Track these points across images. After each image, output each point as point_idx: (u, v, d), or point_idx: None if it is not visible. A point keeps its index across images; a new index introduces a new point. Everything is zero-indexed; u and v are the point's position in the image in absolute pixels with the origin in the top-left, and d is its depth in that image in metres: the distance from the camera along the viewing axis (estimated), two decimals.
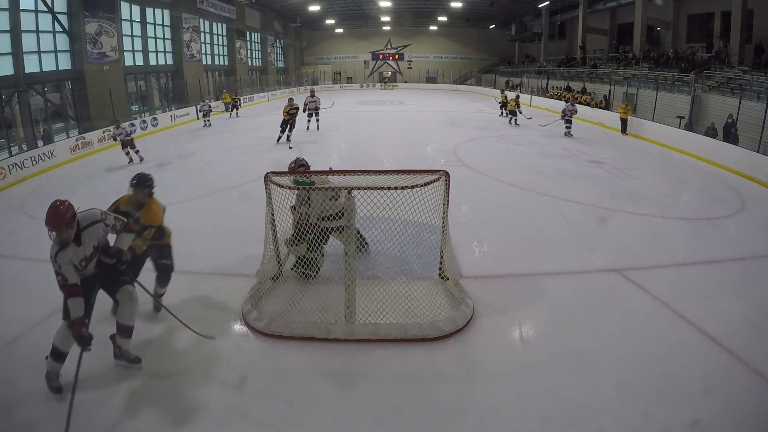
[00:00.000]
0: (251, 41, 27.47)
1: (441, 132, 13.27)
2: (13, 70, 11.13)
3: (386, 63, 37.43)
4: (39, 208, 6.97)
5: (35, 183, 8.56)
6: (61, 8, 12.68)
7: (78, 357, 2.51)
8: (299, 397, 2.69)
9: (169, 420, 2.50)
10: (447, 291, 3.72)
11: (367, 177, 3.48)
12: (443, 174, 3.49)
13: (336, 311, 3.34)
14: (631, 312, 3.62)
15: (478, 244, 5.07)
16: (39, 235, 5.67)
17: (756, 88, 11.17)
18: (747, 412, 2.59)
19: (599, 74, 19.40)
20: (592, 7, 22.86)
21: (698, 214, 6.32)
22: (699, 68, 14.18)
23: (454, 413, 2.57)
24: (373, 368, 2.95)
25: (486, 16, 31.44)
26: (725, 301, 3.82)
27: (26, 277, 4.11)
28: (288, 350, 2.97)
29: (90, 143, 11.27)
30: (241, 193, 6.85)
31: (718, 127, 10.73)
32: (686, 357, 3.07)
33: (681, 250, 4.93)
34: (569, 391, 2.72)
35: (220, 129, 14.54)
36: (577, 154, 9.99)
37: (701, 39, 16.80)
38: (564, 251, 4.82)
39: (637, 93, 15.32)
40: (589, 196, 6.76)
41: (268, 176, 3.50)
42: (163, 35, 18.45)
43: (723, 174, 8.73)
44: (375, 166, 7.52)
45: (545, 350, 3.17)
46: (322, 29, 35.65)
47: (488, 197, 6.84)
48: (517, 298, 3.84)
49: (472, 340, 3.22)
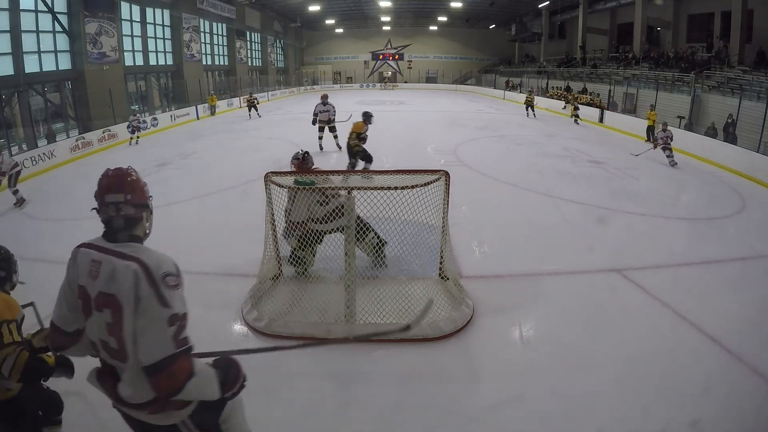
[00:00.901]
0: (251, 41, 27.48)
1: (441, 132, 13.25)
2: (13, 70, 11.14)
3: (386, 63, 37.44)
4: (39, 208, 7.04)
5: (35, 183, 8.56)
6: (61, 8, 12.69)
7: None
8: (299, 397, 2.69)
9: None
10: (447, 291, 3.72)
11: (367, 177, 3.48)
12: (443, 174, 3.49)
13: (336, 311, 3.34)
14: (631, 312, 3.62)
15: (478, 244, 5.07)
16: (39, 235, 5.71)
17: (756, 88, 11.18)
18: (747, 412, 2.58)
19: (599, 74, 19.41)
20: (592, 7, 22.87)
21: (698, 214, 6.32)
22: (699, 68, 14.19)
23: (454, 413, 2.56)
24: (373, 368, 2.95)
25: (486, 16, 31.45)
26: (725, 301, 3.82)
27: (26, 277, 4.11)
28: (288, 350, 2.97)
29: (90, 143, 11.28)
30: (241, 193, 6.85)
31: (718, 127, 10.73)
32: (686, 357, 3.07)
33: (681, 250, 4.93)
34: (569, 391, 2.71)
35: (221, 129, 14.54)
36: (577, 154, 9.99)
37: (701, 39, 16.81)
38: (564, 251, 4.82)
39: (637, 93, 15.33)
40: (589, 196, 6.76)
41: (268, 176, 3.50)
42: (163, 35, 18.46)
43: (723, 174, 8.73)
44: (375, 166, 7.52)
45: (545, 350, 3.17)
46: (322, 29, 35.66)
47: (488, 197, 6.84)
48: (517, 298, 3.84)
49: (472, 340, 3.22)
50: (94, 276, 1.36)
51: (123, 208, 1.41)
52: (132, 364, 1.33)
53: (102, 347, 1.39)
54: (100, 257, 1.38)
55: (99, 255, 1.38)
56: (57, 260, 5.19)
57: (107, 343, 1.36)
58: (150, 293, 1.28)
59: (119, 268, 1.32)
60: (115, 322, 1.32)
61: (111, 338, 1.35)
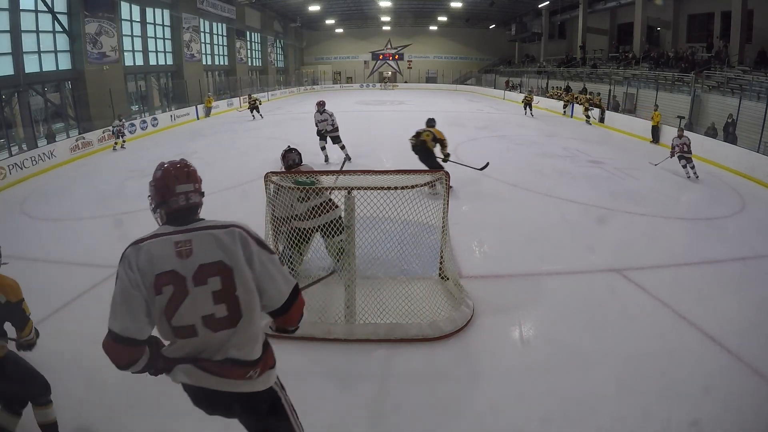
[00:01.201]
0: (251, 41, 27.49)
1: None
2: (13, 70, 11.14)
3: (386, 63, 37.44)
4: (39, 208, 7.04)
5: (35, 183, 8.56)
6: (61, 8, 12.69)
7: None
8: (299, 397, 2.68)
9: (169, 420, 2.50)
10: (447, 291, 3.72)
11: (367, 177, 3.48)
12: (443, 174, 3.49)
13: (336, 311, 3.34)
14: (631, 312, 3.62)
15: (478, 244, 5.07)
16: (39, 235, 5.72)
17: (756, 88, 11.18)
18: (747, 412, 2.59)
19: (599, 74, 19.41)
20: (592, 7, 22.88)
21: (698, 214, 6.32)
22: (699, 68, 14.19)
23: (454, 413, 2.57)
24: (373, 368, 2.95)
25: (486, 16, 31.46)
26: (725, 300, 3.83)
27: (26, 277, 4.11)
28: (288, 350, 2.97)
29: (90, 143, 11.28)
30: (241, 193, 6.85)
31: (718, 127, 10.73)
32: (686, 357, 3.07)
33: (681, 250, 4.94)
34: (569, 391, 2.71)
35: (221, 129, 14.55)
36: (577, 154, 9.99)
37: (701, 39, 16.81)
38: (564, 251, 4.82)
39: (637, 93, 15.33)
40: (589, 196, 6.76)
41: (268, 176, 3.50)
42: (163, 35, 18.46)
43: (723, 174, 8.73)
44: (375, 166, 7.52)
45: (545, 350, 3.17)
46: (322, 29, 35.66)
47: (488, 197, 6.84)
48: (517, 298, 3.84)
49: (472, 340, 3.22)
50: (187, 254, 1.42)
51: (192, 196, 1.54)
52: (243, 322, 1.45)
53: (204, 324, 1.43)
54: (187, 236, 1.44)
55: (184, 236, 1.44)
56: (57, 260, 5.22)
57: (212, 315, 1.43)
58: (258, 248, 1.46)
59: (223, 236, 1.44)
60: (225, 287, 1.42)
61: (219, 306, 1.42)
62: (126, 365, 1.45)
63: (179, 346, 1.47)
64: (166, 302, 1.41)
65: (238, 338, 1.46)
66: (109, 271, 4.30)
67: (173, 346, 1.48)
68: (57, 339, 3.30)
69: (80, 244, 5.07)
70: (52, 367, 2.93)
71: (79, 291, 3.94)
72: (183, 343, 1.46)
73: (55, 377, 2.84)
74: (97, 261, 4.53)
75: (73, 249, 4.96)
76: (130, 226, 5.53)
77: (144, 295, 1.40)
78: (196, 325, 1.43)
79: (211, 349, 1.45)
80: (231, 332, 1.45)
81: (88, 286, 4.04)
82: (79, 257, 4.71)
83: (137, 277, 1.40)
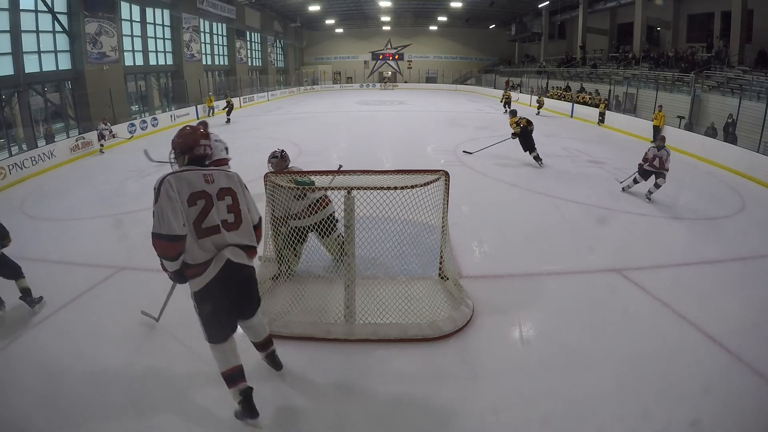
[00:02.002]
0: (251, 41, 27.48)
1: (441, 132, 13.26)
2: (13, 70, 11.14)
3: (386, 63, 37.45)
4: (39, 208, 7.04)
5: (35, 183, 8.56)
6: (61, 8, 12.69)
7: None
8: (299, 397, 2.69)
9: (168, 420, 2.50)
10: (447, 291, 3.72)
11: (366, 177, 3.47)
12: (443, 174, 3.49)
13: (336, 311, 3.34)
14: (631, 312, 3.62)
15: (478, 244, 5.07)
16: (39, 235, 5.71)
17: (756, 88, 11.18)
18: (747, 412, 2.58)
19: (599, 74, 19.40)
20: (592, 7, 22.88)
21: (698, 214, 6.31)
22: (699, 68, 14.19)
23: (454, 413, 2.56)
24: (373, 368, 2.95)
25: (486, 16, 31.45)
26: (725, 300, 3.82)
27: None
28: (288, 350, 2.97)
29: (90, 143, 11.28)
30: None
31: (718, 127, 10.73)
32: (686, 357, 3.06)
33: (681, 250, 4.93)
34: (569, 391, 2.71)
35: (220, 130, 14.53)
36: (577, 154, 10.00)
37: (701, 39, 16.81)
38: (564, 251, 4.82)
39: (637, 93, 15.33)
40: (589, 196, 6.76)
41: (267, 176, 3.50)
42: (163, 35, 18.45)
43: (723, 174, 8.73)
44: (375, 166, 7.52)
45: (545, 350, 3.17)
46: (322, 29, 35.67)
47: (488, 197, 6.84)
48: (517, 298, 3.84)
49: (471, 340, 3.22)
50: (211, 181, 2.26)
51: (207, 149, 2.38)
52: (244, 225, 2.34)
53: (223, 226, 2.26)
54: (210, 172, 2.28)
55: (208, 171, 2.28)
56: (57, 260, 5.21)
57: (226, 220, 2.28)
58: (244, 185, 2.43)
59: (230, 175, 2.37)
60: (234, 203, 2.32)
61: (231, 215, 2.29)
62: (177, 256, 2.15)
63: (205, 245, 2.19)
64: (199, 212, 2.18)
65: (242, 233, 2.33)
66: (109, 271, 4.32)
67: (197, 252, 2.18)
68: (57, 339, 3.30)
69: (80, 244, 5.07)
70: (52, 367, 2.94)
71: (79, 291, 3.94)
72: (208, 240, 2.20)
73: (56, 377, 2.85)
74: (96, 261, 4.53)
75: (73, 249, 4.95)
76: (130, 226, 5.53)
77: (179, 207, 2.13)
78: (220, 225, 2.25)
79: (227, 242, 2.25)
80: (237, 232, 2.30)
81: (88, 286, 4.04)
82: (78, 257, 4.71)
83: (176, 195, 2.13)
